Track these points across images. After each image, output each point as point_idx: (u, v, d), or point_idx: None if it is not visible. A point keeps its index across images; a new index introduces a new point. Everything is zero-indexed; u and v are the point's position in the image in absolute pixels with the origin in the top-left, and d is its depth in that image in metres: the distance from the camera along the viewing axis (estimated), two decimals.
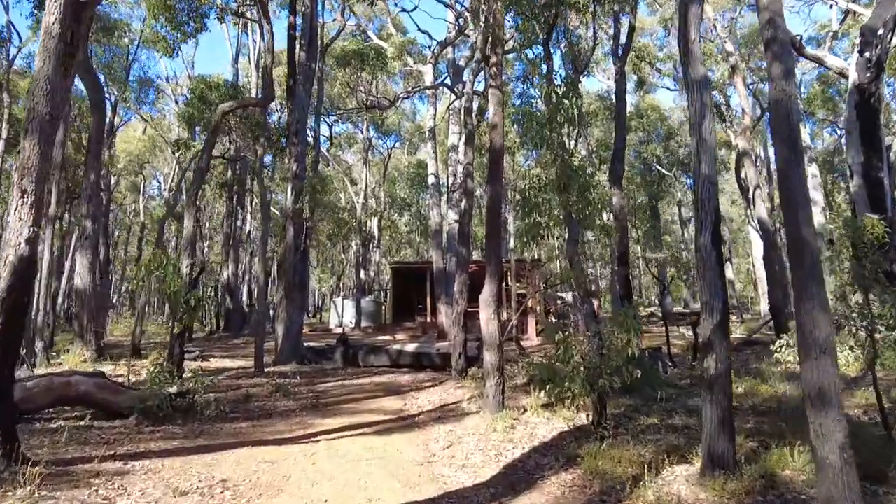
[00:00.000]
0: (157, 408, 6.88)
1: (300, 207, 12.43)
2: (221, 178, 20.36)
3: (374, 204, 32.34)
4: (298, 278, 12.77)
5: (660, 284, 14.93)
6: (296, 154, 12.85)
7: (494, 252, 7.30)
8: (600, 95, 28.42)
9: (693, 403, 8.45)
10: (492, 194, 7.40)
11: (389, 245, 42.79)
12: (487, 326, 7.21)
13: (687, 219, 44.27)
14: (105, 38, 16.00)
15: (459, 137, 20.05)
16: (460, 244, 10.10)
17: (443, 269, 19.36)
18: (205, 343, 18.78)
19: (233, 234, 20.06)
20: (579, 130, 8.41)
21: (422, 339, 19.84)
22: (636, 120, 28.59)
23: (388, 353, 11.88)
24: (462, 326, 9.89)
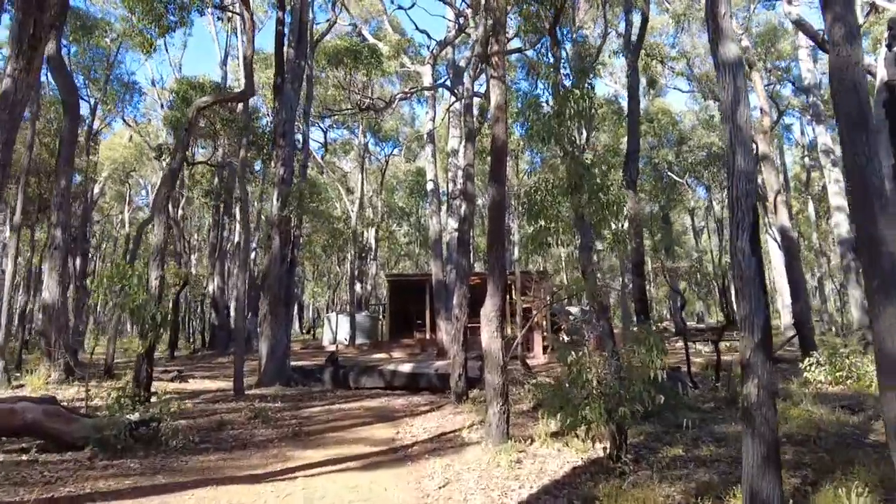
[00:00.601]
0: (115, 438, 6.28)
1: (287, 215, 11.92)
2: (208, 185, 19.91)
3: (370, 213, 31.87)
4: (284, 292, 12.21)
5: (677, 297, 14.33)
6: (283, 157, 12.37)
7: (498, 261, 6.74)
8: (607, 99, 28.08)
9: (720, 430, 7.83)
10: (494, 197, 6.86)
11: (388, 257, 42.29)
12: (490, 345, 6.62)
13: (700, 228, 43.73)
14: (84, 38, 15.67)
15: (460, 142, 19.61)
16: (460, 254, 9.55)
17: (442, 281, 18.80)
18: (187, 362, 18.16)
19: (219, 245, 19.55)
20: (590, 126, 7.89)
21: (420, 356, 19.21)
22: (646, 124, 28.15)
23: (382, 373, 11.27)
24: (462, 344, 9.29)
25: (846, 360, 11.14)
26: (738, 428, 8.07)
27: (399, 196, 36.80)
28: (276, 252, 11.91)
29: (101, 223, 47.89)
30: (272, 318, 11.72)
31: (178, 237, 21.80)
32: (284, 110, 12.67)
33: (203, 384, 12.60)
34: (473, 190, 9.77)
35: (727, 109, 4.84)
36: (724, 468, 6.02)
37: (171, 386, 11.91)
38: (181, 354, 20.32)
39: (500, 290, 6.70)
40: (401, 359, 18.08)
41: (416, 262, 38.82)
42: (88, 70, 18.79)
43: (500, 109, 7.05)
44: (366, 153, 28.50)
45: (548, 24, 7.77)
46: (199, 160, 19.45)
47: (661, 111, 28.67)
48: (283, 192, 11.96)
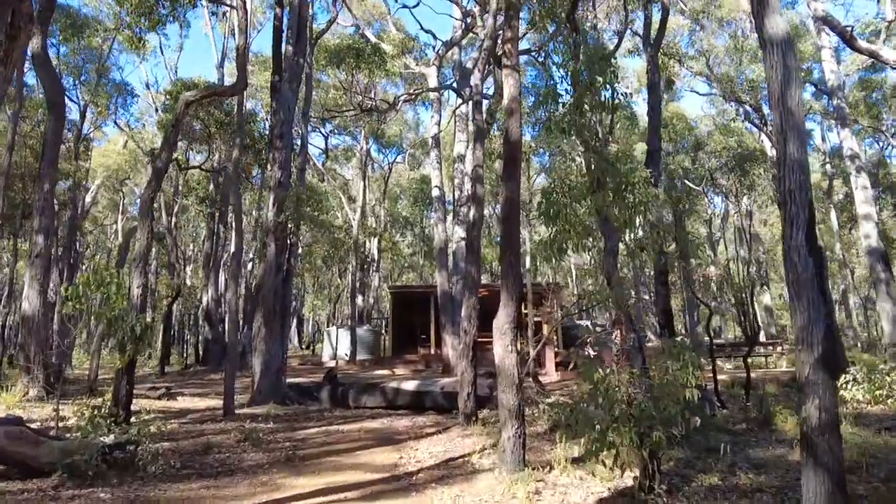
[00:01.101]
0: (86, 463, 5.80)
1: (283, 221, 11.51)
2: (203, 191, 19.59)
3: (373, 223, 31.52)
4: (280, 303, 11.76)
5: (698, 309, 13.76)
6: (279, 160, 12.00)
7: (512, 268, 6.27)
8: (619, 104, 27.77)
9: (758, 456, 7.28)
10: (508, 197, 6.41)
11: (391, 269, 41.86)
12: (503, 361, 6.13)
13: (716, 238, 43.05)
14: (74, 37, 15.49)
15: (466, 146, 19.24)
16: (469, 261, 9.09)
17: (448, 293, 18.33)
18: (178, 378, 17.70)
19: (214, 255, 19.17)
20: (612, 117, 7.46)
21: (424, 373, 18.66)
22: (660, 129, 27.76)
23: (384, 392, 10.75)
24: (471, 360, 8.79)
25: (887, 378, 10.56)
26: (776, 452, 7.52)
27: (402, 205, 36.47)
28: (270, 260, 11.48)
29: (95, 234, 47.79)
30: (266, 331, 11.26)
31: (171, 247, 21.45)
32: (282, 110, 12.34)
33: (192, 402, 12.12)
34: (483, 193, 9.34)
35: (776, 92, 4.40)
36: (769, 501, 5.48)
37: (158, 404, 11.45)
38: (172, 370, 19.86)
39: (515, 300, 6.23)
40: (404, 376, 17.55)
41: (421, 273, 38.38)
42: (79, 71, 18.61)
43: (514, 101, 6.63)
44: (368, 160, 28.23)
45: (564, 12, 7.39)
46: (193, 165, 19.15)
47: (675, 116, 28.24)
48: (279, 197, 11.57)
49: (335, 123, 26.72)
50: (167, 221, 21.89)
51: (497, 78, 18.52)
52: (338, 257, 30.46)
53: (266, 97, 18.22)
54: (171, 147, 8.27)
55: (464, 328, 8.98)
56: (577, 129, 6.04)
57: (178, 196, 22.23)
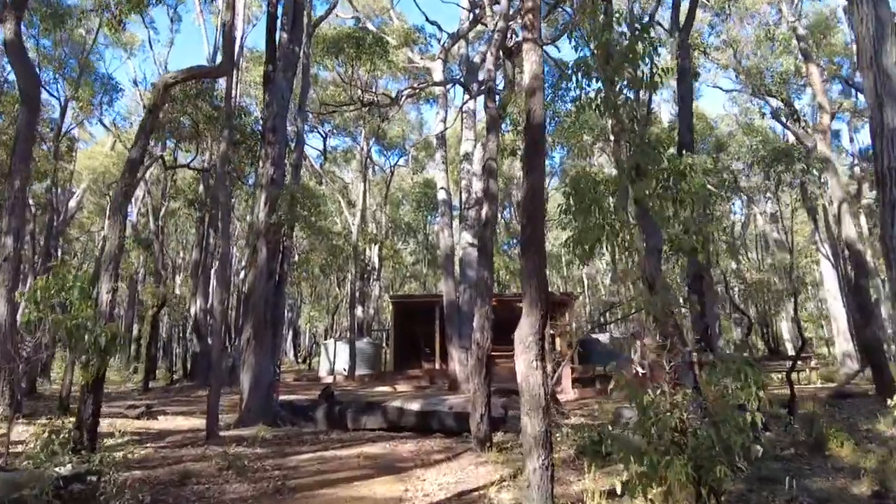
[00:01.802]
0: (36, 499, 5.11)
1: (276, 222, 10.90)
2: (192, 194, 19.03)
3: (373, 229, 30.93)
4: (271, 313, 11.12)
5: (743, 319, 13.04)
6: (272, 155, 11.42)
7: (536, 270, 5.61)
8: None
9: (818, 487, 6.57)
10: (531, 187, 5.77)
11: (392, 278, 41.19)
12: (528, 379, 5.45)
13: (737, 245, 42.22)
14: (55, 28, 15.04)
15: (474, 145, 18.68)
16: (481, 265, 8.44)
17: (455, 303, 17.67)
18: (162, 395, 17.04)
19: (203, 262, 18.58)
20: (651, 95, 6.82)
21: (428, 390, 17.94)
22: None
23: (386, 412, 10.06)
24: (484, 377, 8.11)
25: None
26: (837, 483, 6.80)
27: (405, 210, 35.88)
28: (261, 266, 10.85)
29: (83, 241, 47.36)
30: (256, 343, 10.60)
31: (157, 253, 20.87)
32: (275, 102, 11.78)
33: (174, 422, 11.44)
34: (496, 189, 8.71)
35: (867, 50, 3.76)
36: None
37: (136, 424, 10.79)
38: (158, 385, 19.19)
39: (540, 307, 5.56)
40: (407, 393, 16.82)
41: (424, 283, 37.72)
42: (62, 64, 18.14)
43: (537, 79, 6.01)
44: (369, 162, 27.69)
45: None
46: (180, 164, 18.60)
47: (695, 115, 27.59)
48: (271, 195, 10.96)
49: (334, 123, 26.23)
50: (154, 226, 21.33)
51: (506, 71, 17.99)
52: (336, 265, 29.85)
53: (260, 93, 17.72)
54: (147, 135, 7.67)
55: (476, 341, 8.30)
56: (611, 107, 5.40)
57: (165, 199, 21.67)
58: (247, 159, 15.35)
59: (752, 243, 35.39)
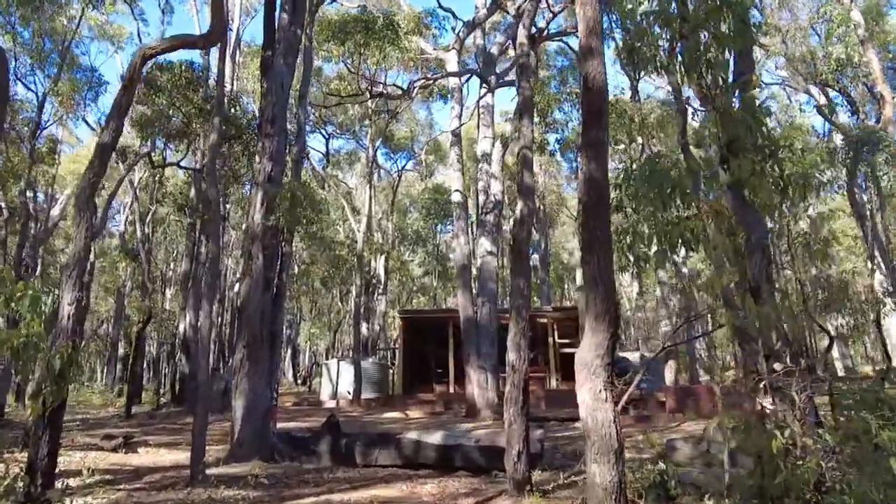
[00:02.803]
0: None
1: (274, 224, 10.04)
2: (182, 198, 18.27)
3: (379, 238, 30.09)
4: (268, 329, 10.22)
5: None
6: (270, 150, 10.60)
7: (601, 274, 4.69)
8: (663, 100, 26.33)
9: None
10: (593, 168, 4.86)
11: (399, 292, 40.28)
12: (594, 414, 4.50)
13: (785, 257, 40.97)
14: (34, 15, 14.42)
15: (492, 144, 17.85)
16: (517, 272, 7.51)
17: (473, 318, 16.73)
18: (146, 421, 16.12)
19: (194, 272, 17.77)
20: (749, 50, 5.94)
21: (444, 416, 16.93)
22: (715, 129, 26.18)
23: (401, 445, 9.09)
24: (522, 407, 7.14)
25: None
26: None
27: (413, 218, 35.06)
28: (257, 275, 9.97)
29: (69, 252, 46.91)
30: (250, 364, 9.69)
31: (143, 263, 20.09)
32: (274, 90, 11.00)
33: (156, 456, 10.51)
34: (532, 181, 7.81)
35: None
36: None
37: (112, 459, 9.87)
38: (142, 411, 18.28)
39: (609, 321, 4.62)
40: (421, 420, 15.84)
41: (434, 297, 36.76)
42: (41, 55, 17.49)
43: (595, 35, 5.13)
44: (374, 166, 26.92)
45: None
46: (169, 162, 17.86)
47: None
48: (269, 194, 10.12)
49: (337, 122, 25.55)
50: (141, 234, 20.59)
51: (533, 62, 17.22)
52: (339, 278, 29.08)
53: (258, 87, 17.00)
54: (121, 115, 6.85)
55: (511, 363, 7.34)
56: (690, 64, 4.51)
57: (153, 203, 20.94)
58: (242, 158, 14.56)
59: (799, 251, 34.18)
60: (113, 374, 33.67)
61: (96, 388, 34.49)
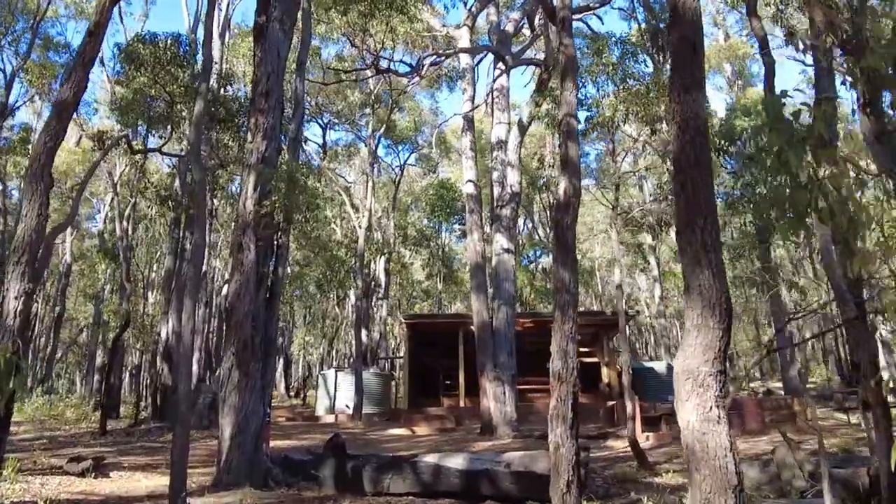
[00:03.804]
0: None
1: (269, 211, 9.10)
2: (165, 190, 17.33)
3: (379, 237, 29.15)
4: (262, 335, 9.25)
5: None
6: (264, 126, 9.68)
7: (707, 252, 3.73)
8: None
9: None
10: (688, 116, 3.91)
11: (399, 296, 39.27)
12: (704, 438, 3.53)
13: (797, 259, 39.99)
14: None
15: (508, 131, 16.95)
16: (560, 262, 6.55)
17: (488, 323, 15.78)
18: (123, 439, 15.09)
19: (177, 272, 16.81)
20: None
21: (456, 433, 15.95)
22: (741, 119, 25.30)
23: (417, 470, 8.10)
24: (571, 426, 6.15)
25: None
26: None
27: (415, 217, 34.11)
28: (248, 270, 9.01)
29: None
30: (240, 376, 8.71)
31: (122, 262, 19.09)
32: (269, 59, 10.09)
33: (131, 482, 9.52)
34: (578, 155, 6.85)
35: None
36: None
37: (77, 486, 8.87)
38: (118, 427, 17.25)
39: (719, 313, 3.66)
40: (431, 439, 14.87)
41: (439, 301, 35.77)
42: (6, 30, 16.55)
43: None
44: (375, 159, 26.01)
45: None
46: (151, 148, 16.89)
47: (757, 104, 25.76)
48: (262, 177, 9.18)
49: (335, 111, 24.66)
50: (120, 229, 19.62)
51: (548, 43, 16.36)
52: (336, 281, 28.09)
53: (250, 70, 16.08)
54: (85, 67, 5.89)
55: (556, 372, 6.36)
56: None
57: (133, 195, 19.98)
58: (232, 144, 13.60)
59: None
60: (90, 386, 32.64)
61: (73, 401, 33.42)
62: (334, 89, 24.55)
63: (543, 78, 15.54)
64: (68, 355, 52.55)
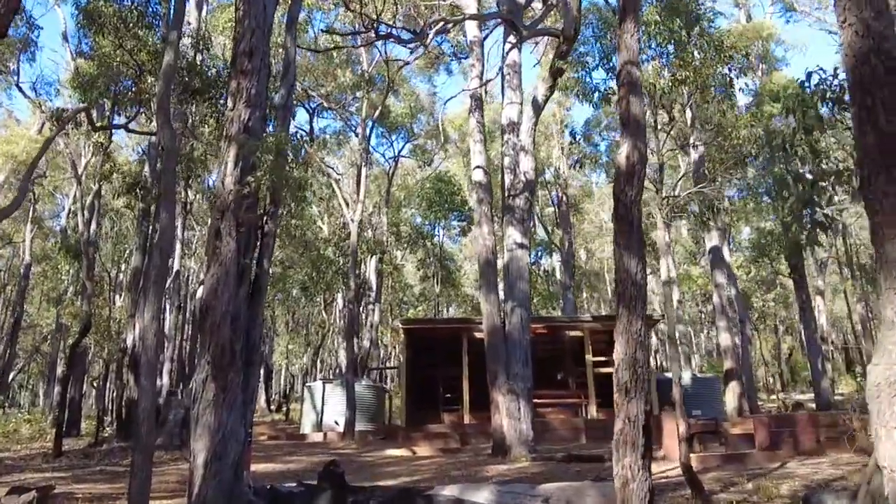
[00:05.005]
0: None
1: (253, 191, 7.94)
2: (133, 177, 16.08)
3: (370, 234, 28.00)
4: (243, 341, 8.05)
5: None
6: (248, 91, 8.54)
7: None
8: None
9: None
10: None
11: (390, 301, 38.05)
12: None
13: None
14: None
15: (520, 111, 15.88)
16: (625, 246, 5.45)
17: (499, 327, 14.67)
18: (80, 461, 13.83)
19: (145, 272, 15.56)
20: None
21: (462, 454, 14.79)
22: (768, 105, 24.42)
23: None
24: (643, 454, 5.05)
25: None
26: None
27: (409, 214, 32.98)
28: (227, 262, 7.83)
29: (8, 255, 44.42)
30: (217, 390, 7.52)
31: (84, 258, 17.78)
32: (253, 12, 8.96)
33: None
34: (641, 112, 5.76)
35: None
36: None
37: None
38: (76, 447, 15.95)
39: None
40: (435, 462, 13.72)
41: (436, 305, 34.62)
42: None
43: None
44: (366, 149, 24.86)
45: None
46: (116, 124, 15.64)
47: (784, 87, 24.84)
48: (245, 149, 8.03)
49: (324, 93, 23.50)
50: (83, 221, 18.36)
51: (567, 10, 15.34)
52: (324, 283, 26.93)
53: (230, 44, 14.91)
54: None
55: (622, 384, 5.25)
56: None
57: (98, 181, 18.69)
58: (210, 118, 12.40)
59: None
60: (51, 399, 31.19)
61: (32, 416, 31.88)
62: (323, 70, 23.42)
63: (563, 49, 14.48)
64: (31, 365, 50.97)
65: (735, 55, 9.57)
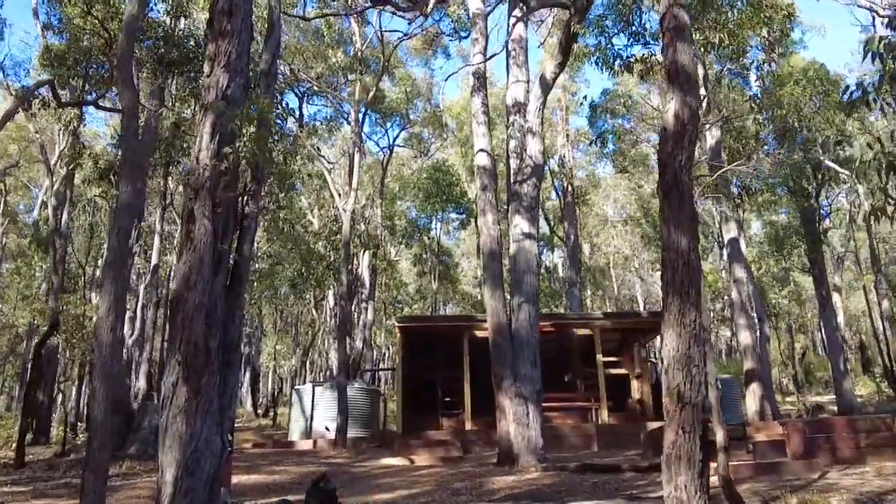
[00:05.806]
0: None
1: (231, 167, 7.15)
2: (103, 160, 15.24)
3: (363, 229, 27.23)
4: (220, 338, 7.26)
5: None
6: (226, 54, 7.75)
7: None
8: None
9: None
10: None
11: (384, 299, 37.30)
12: None
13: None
14: None
15: (527, 91, 15.15)
16: (673, 223, 4.69)
17: (505, 326, 13.97)
18: (41, 473, 13.05)
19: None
20: None
21: (465, 464, 14.07)
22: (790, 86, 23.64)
23: None
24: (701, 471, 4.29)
25: None
26: None
27: (404, 207, 32.23)
28: (201, 247, 7.03)
29: None
30: (189, 394, 6.73)
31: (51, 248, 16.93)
32: None
33: None
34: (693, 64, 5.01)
35: None
36: None
37: None
38: (41, 458, 15.13)
39: None
40: (436, 473, 13.00)
41: (434, 302, 33.88)
42: None
43: None
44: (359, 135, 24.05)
45: None
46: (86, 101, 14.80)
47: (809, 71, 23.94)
48: (223, 118, 7.23)
49: (314, 75, 22.68)
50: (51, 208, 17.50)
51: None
52: (314, 279, 26.20)
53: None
54: None
55: (675, 389, 4.49)
56: None
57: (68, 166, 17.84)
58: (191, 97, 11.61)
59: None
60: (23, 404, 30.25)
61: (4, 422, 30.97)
62: (314, 51, 22.59)
63: (575, 29, 13.76)
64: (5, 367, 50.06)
65: (775, 15, 8.84)
